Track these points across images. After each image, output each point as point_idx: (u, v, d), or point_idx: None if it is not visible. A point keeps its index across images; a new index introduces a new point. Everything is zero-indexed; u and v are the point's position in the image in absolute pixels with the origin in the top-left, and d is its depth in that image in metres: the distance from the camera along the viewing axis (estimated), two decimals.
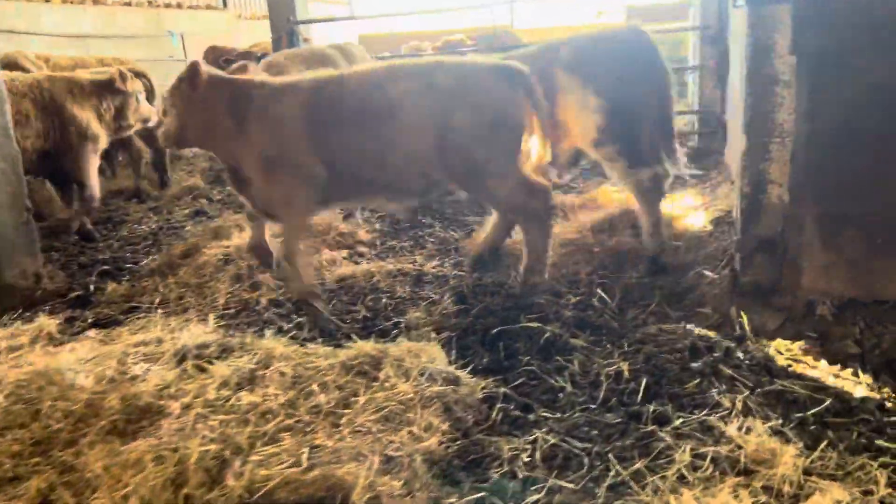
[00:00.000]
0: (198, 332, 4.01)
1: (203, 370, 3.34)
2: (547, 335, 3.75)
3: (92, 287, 5.12)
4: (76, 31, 14.01)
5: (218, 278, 4.88)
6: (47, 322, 4.31)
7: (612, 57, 4.56)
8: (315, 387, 3.10)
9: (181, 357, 3.50)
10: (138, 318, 4.42)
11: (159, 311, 4.53)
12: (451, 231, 6.13)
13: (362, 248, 5.67)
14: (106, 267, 5.67)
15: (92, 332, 4.21)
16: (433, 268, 5.11)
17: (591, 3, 23.27)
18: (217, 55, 12.10)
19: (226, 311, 4.50)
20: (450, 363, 3.48)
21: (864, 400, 3.02)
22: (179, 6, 17.91)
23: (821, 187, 3.62)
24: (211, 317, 4.34)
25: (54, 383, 3.16)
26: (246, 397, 3.01)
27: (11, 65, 8.36)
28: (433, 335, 3.86)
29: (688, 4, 10.11)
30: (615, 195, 5.90)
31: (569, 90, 4.48)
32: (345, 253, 5.48)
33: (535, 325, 3.86)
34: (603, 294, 4.27)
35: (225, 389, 3.08)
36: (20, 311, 4.79)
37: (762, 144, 3.68)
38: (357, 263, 5.25)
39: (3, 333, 4.17)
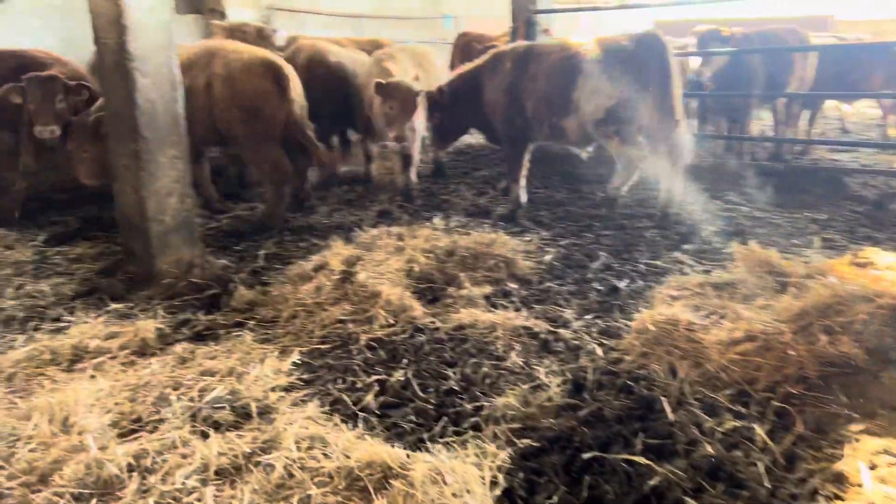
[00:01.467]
0: (265, 371, 3.59)
1: (206, 436, 2.86)
2: (656, 482, 2.68)
3: (231, 287, 4.96)
4: (353, 12, 14.66)
5: (328, 304, 4.41)
6: (145, 326, 4.18)
7: None
8: (295, 501, 2.43)
9: (195, 413, 3.06)
10: (234, 336, 4.14)
11: (251, 333, 4.18)
12: (636, 279, 5.03)
13: (511, 286, 4.84)
14: (259, 264, 5.53)
15: (179, 348, 3.97)
16: (573, 332, 4.13)
17: None
18: (468, 41, 11.82)
19: (319, 347, 4.01)
20: (499, 497, 2.60)
21: None
22: None
23: None
24: (295, 353, 3.88)
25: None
26: (209, 497, 2.44)
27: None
28: (506, 440, 2.98)
29: None
30: (858, 272, 4.32)
31: None
32: (487, 289, 4.70)
33: (642, 460, 2.79)
34: (770, 427, 3.01)
35: (195, 477, 2.55)
36: (159, 300, 4.78)
37: None
38: (492, 308, 4.44)
39: (102, 331, 4.12)
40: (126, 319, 4.45)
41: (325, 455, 2.67)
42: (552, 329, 4.15)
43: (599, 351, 3.85)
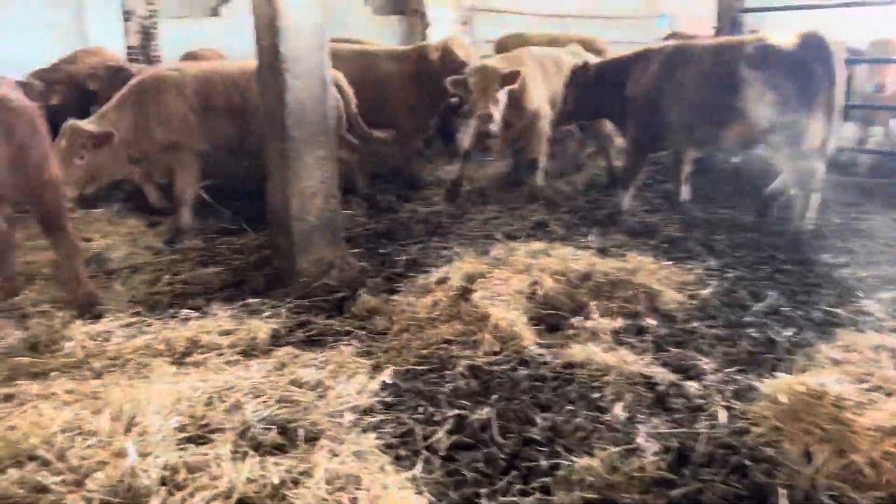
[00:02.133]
0: (349, 389, 3.46)
1: (245, 456, 2.75)
2: None
3: (360, 292, 4.92)
4: (560, 12, 14.27)
5: (440, 322, 4.18)
6: (260, 326, 4.23)
7: None
8: None
9: (244, 430, 2.97)
10: (337, 346, 4.06)
11: (356, 344, 4.07)
12: (804, 329, 4.24)
13: (648, 322, 4.28)
14: (396, 270, 5.44)
15: (282, 352, 3.96)
16: (702, 387, 3.52)
17: None
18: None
19: (415, 367, 3.80)
20: None
21: None
22: None
23: None
24: (388, 371, 3.70)
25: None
26: None
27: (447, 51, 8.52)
28: None
29: None
30: None
31: None
32: (618, 322, 4.20)
33: None
34: None
35: (216, 503, 2.44)
36: (291, 298, 4.86)
37: None
38: (616, 346, 3.95)
39: (220, 326, 4.23)
40: (254, 315, 4.56)
41: (350, 501, 2.44)
42: (677, 381, 3.58)
43: (723, 416, 3.23)
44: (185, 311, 4.61)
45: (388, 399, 3.47)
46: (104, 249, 5.69)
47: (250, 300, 4.85)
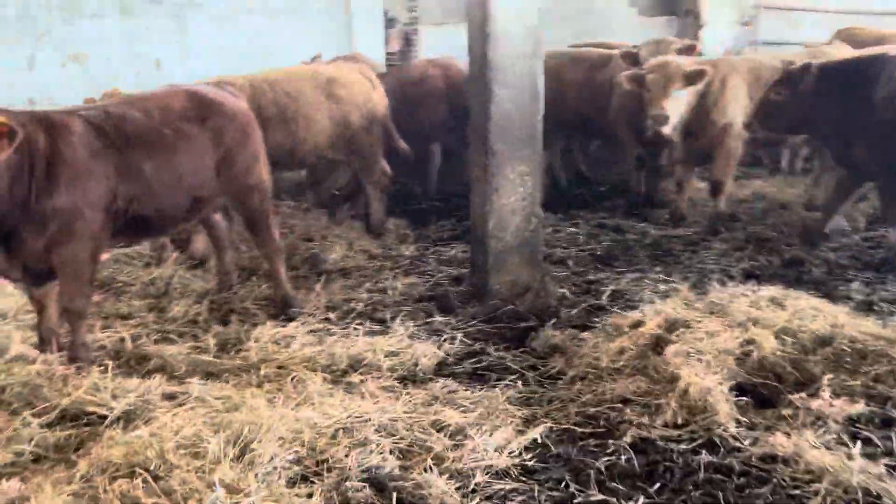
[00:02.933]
0: (489, 444, 3.05)
1: None
2: None
3: (547, 324, 4.43)
4: (863, 9, 12.15)
5: (621, 375, 3.55)
6: (426, 351, 3.98)
7: None
8: None
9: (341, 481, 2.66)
10: (498, 386, 3.64)
11: (518, 387, 3.60)
12: None
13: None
14: (599, 302, 4.85)
15: (439, 385, 3.65)
16: None
17: None
18: None
19: (575, 429, 3.24)
20: None
21: None
22: None
23: None
24: (541, 428, 3.19)
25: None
26: None
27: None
28: None
29: None
30: None
31: None
32: (858, 408, 3.22)
33: None
34: None
35: None
36: (477, 321, 4.55)
37: None
38: (846, 443, 3.01)
39: (389, 346, 4.04)
40: (431, 336, 4.33)
41: None
42: None
43: None
44: (368, 324, 4.53)
45: (530, 463, 2.98)
46: (321, 251, 5.84)
47: (436, 318, 4.63)
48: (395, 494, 2.62)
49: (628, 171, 7.68)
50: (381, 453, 2.92)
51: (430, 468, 2.84)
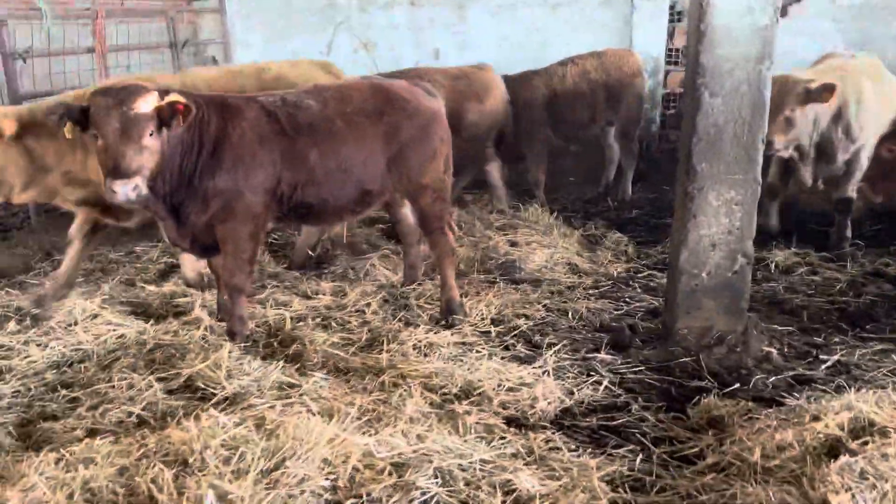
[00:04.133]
0: None
1: None
2: None
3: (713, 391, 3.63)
4: None
5: (771, 483, 2.72)
6: (552, 388, 3.51)
7: None
8: None
9: None
10: (614, 461, 3.05)
11: (631, 463, 2.96)
12: None
13: None
14: (809, 372, 3.85)
15: (545, 434, 3.17)
16: None
17: None
18: None
19: None
20: None
21: None
22: None
23: None
24: None
25: None
26: None
27: None
28: None
29: None
30: None
31: None
32: None
33: None
34: None
35: None
36: (646, 368, 3.93)
37: None
38: None
39: (513, 377, 3.64)
40: (586, 374, 3.83)
41: None
42: None
43: None
44: (521, 346, 4.16)
45: None
46: (518, 258, 5.53)
47: (601, 354, 4.09)
48: None
49: None
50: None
51: None
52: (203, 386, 3.50)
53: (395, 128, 4.23)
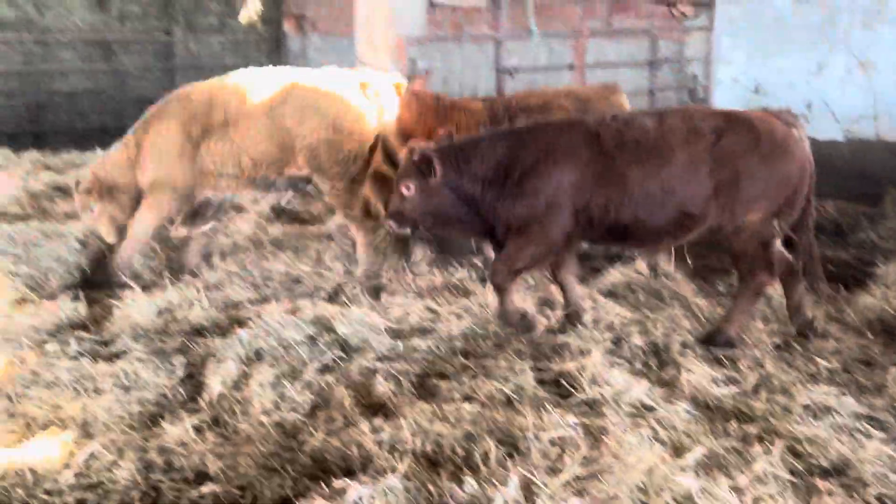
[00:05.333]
0: None
1: None
2: None
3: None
4: None
5: None
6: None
7: None
8: None
9: None
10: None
11: None
12: None
13: None
14: None
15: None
16: None
17: None
18: None
19: None
20: None
21: None
22: None
23: None
24: None
25: None
26: None
27: None
28: None
29: None
30: None
31: None
32: None
33: None
34: None
35: None
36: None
37: None
38: None
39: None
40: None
41: None
42: None
43: None
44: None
45: None
46: None
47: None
48: None
49: None
50: None
51: None
52: (566, 384, 3.73)
53: (730, 153, 4.05)
